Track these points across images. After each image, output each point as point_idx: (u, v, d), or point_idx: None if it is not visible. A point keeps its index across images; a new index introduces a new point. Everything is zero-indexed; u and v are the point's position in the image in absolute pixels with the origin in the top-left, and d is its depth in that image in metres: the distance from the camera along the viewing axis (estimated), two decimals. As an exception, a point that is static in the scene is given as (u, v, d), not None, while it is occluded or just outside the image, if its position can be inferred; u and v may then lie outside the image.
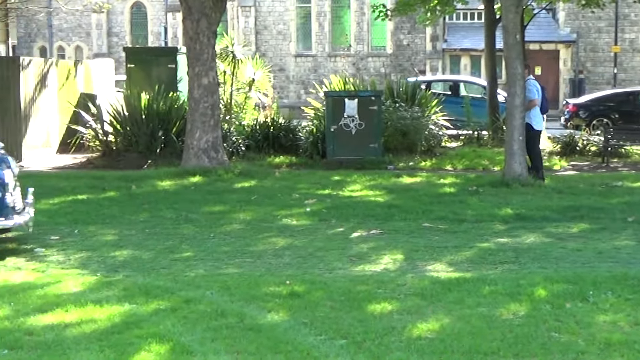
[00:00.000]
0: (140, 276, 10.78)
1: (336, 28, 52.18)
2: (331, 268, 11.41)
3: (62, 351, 7.86)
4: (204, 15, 19.92)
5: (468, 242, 13.01)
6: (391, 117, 23.87)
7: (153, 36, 53.55)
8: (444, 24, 50.80)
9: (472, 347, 7.92)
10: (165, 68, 27.05)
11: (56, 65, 26.08)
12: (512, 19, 18.89)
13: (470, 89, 34.88)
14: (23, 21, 51.77)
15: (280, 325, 8.61)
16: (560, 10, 50.45)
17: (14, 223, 11.70)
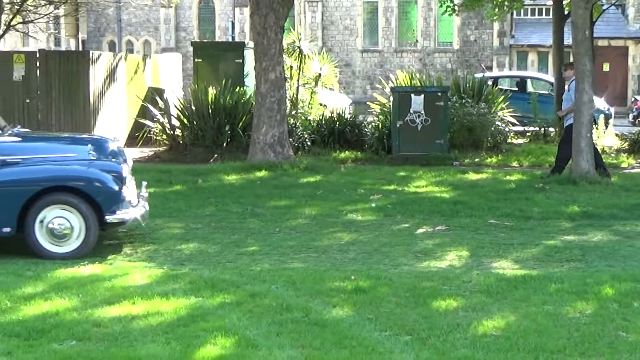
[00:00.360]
0: (206, 269, 10.85)
1: (403, 23, 52.01)
2: (396, 264, 11.41)
3: (129, 343, 7.95)
4: (272, 10, 20.00)
5: (534, 240, 12.92)
6: (457, 113, 23.75)
7: (220, 31, 53.80)
8: (512, 19, 50.37)
9: (538, 346, 7.87)
10: (233, 63, 27.16)
11: (125, 59, 26.34)
12: (581, 14, 18.69)
13: (537, 85, 34.57)
14: (93, 16, 52.28)
15: (345, 321, 8.62)
16: (630, 6, 49.82)
17: (130, 217, 11.84)
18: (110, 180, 11.66)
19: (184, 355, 7.63)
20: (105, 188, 11.63)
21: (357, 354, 7.69)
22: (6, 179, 11.52)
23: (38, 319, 8.64)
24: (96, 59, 24.09)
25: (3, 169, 11.58)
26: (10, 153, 11.81)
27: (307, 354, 7.67)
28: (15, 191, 11.49)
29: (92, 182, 11.63)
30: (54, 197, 11.55)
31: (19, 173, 11.67)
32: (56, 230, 11.47)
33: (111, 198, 11.62)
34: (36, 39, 37.49)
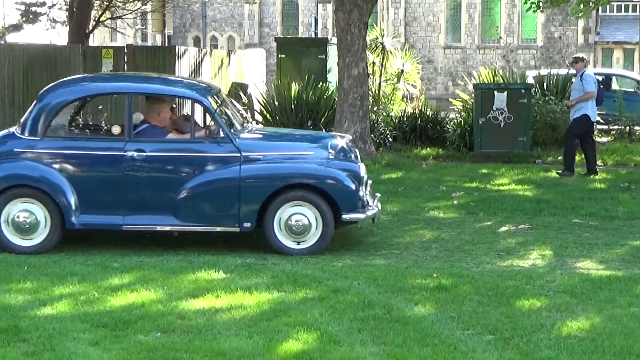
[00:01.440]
0: (288, 264, 10.92)
1: (486, 20, 51.72)
2: (479, 262, 11.35)
3: (212, 336, 8.04)
4: (356, 7, 20.03)
5: (619, 240, 12.75)
6: (540, 111, 23.52)
7: (303, 27, 54.02)
8: (597, 16, 49.81)
9: (623, 348, 7.77)
10: (315, 58, 27.23)
11: (209, 54, 26.56)
12: (669, 12, 18.41)
13: (622, 83, 34.06)
14: (179, 12, 52.94)
15: (427, 318, 8.61)
16: None
17: (365, 216, 11.95)
18: (348, 179, 11.77)
19: (267, 350, 7.69)
20: (344, 187, 11.73)
21: (439, 352, 7.68)
22: (249, 174, 11.73)
23: (124, 310, 8.79)
24: (182, 54, 24.33)
25: (245, 165, 11.78)
26: (252, 150, 11.97)
27: (389, 351, 7.69)
28: (258, 187, 11.71)
29: (330, 180, 11.74)
30: (293, 194, 11.72)
31: (261, 169, 11.86)
32: (294, 227, 11.64)
33: (349, 197, 11.72)
34: (124, 34, 38.11)
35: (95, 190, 11.70)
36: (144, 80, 13.56)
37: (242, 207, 11.61)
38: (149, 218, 11.72)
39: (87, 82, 13.56)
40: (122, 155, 11.66)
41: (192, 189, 11.63)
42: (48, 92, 12.27)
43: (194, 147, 11.90)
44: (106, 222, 11.75)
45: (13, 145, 11.89)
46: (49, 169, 11.62)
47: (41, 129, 11.79)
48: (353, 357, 7.57)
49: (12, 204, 11.60)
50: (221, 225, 11.76)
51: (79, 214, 11.60)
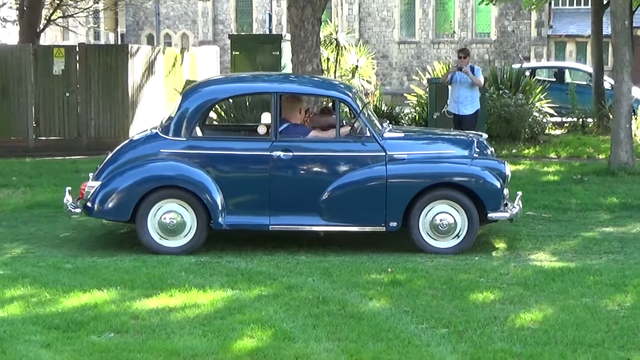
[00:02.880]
0: (243, 262, 10.89)
1: (440, 14, 51.84)
2: (433, 256, 11.38)
3: (166, 335, 8.00)
4: (309, 3, 19.97)
5: (572, 232, 12.85)
6: (495, 104, 23.64)
7: (258, 24, 53.87)
8: (550, 9, 50.06)
9: (576, 339, 7.84)
10: (270, 55, 27.24)
11: (163, 52, 26.45)
12: (620, 4, 18.54)
13: (575, 76, 34.33)
14: (131, 10, 52.53)
15: (381, 313, 8.63)
16: (671, -6, 49.38)
17: (509, 215, 11.89)
18: (493, 177, 11.74)
19: (221, 348, 7.67)
20: (490, 185, 11.69)
21: (394, 346, 7.70)
22: (395, 173, 11.67)
23: (77, 311, 8.71)
24: (135, 53, 24.20)
25: (391, 164, 11.72)
26: (397, 149, 11.90)
27: (343, 347, 7.69)
28: (404, 186, 11.65)
29: (477, 179, 11.69)
30: (439, 193, 11.68)
31: (407, 169, 11.79)
32: (440, 226, 11.60)
33: (494, 195, 11.70)
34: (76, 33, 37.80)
35: (242, 191, 11.68)
36: (288, 80, 13.72)
37: (389, 206, 11.58)
38: (295, 218, 11.68)
39: (230, 82, 13.45)
40: (269, 156, 11.61)
41: (338, 189, 11.60)
42: (192, 92, 12.22)
43: (340, 147, 11.84)
44: (253, 223, 11.70)
45: (158, 146, 11.81)
46: (196, 170, 11.56)
47: (186, 129, 11.74)
48: (307, 354, 7.56)
49: (159, 205, 11.56)
50: (367, 225, 11.72)
51: (226, 214, 11.56)
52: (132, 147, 12.18)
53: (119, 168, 11.73)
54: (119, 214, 11.67)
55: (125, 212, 11.55)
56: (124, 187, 11.54)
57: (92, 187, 11.68)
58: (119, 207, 11.56)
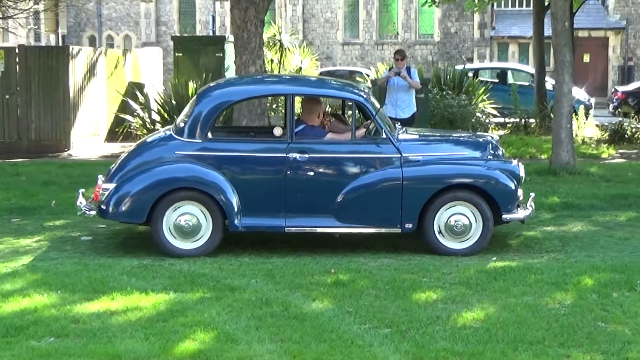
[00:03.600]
0: (185, 264, 10.83)
1: (384, 16, 52.05)
2: (376, 257, 11.41)
3: (107, 339, 7.93)
4: (252, 4, 19.92)
5: (514, 231, 12.94)
6: (438, 105, 23.78)
7: (201, 25, 53.71)
8: (492, 11, 50.49)
9: (517, 337, 7.90)
10: (213, 57, 27.10)
11: (105, 54, 26.23)
12: (561, 6, 18.71)
13: (517, 77, 34.65)
14: (73, 11, 52.14)
15: (324, 314, 8.63)
16: (610, -4, 50.03)
17: (524, 216, 11.89)
18: (508, 179, 11.73)
19: (163, 351, 7.61)
20: (504, 187, 11.69)
21: (337, 347, 7.70)
22: (411, 175, 11.63)
23: (16, 315, 8.60)
24: (76, 54, 23.97)
25: (407, 166, 11.66)
26: (412, 151, 11.87)
27: (286, 348, 7.67)
28: (420, 188, 11.62)
29: (492, 180, 11.69)
30: (453, 195, 11.66)
31: (423, 170, 11.76)
32: (455, 227, 11.59)
33: (509, 197, 11.70)
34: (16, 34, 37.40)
35: (257, 192, 11.57)
36: (303, 82, 13.71)
37: (404, 208, 11.56)
38: (311, 220, 11.62)
39: (246, 84, 13.36)
40: (285, 157, 11.54)
41: (354, 190, 11.55)
42: (208, 93, 12.09)
43: (355, 148, 11.77)
44: (269, 225, 11.63)
45: (173, 148, 11.70)
46: (211, 171, 11.46)
47: (201, 131, 11.63)
48: (250, 356, 7.54)
49: (174, 207, 11.47)
50: (382, 227, 11.70)
51: (241, 216, 11.49)
52: (146, 148, 12.09)
53: (133, 170, 11.62)
54: (134, 216, 11.58)
55: (141, 215, 11.46)
56: (140, 189, 11.43)
57: (107, 190, 11.59)
58: (135, 210, 11.46)
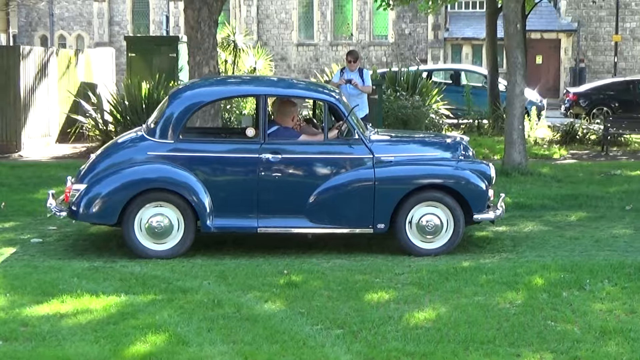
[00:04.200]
0: (137, 266, 10.77)
1: (338, 17, 52.10)
2: (329, 257, 11.42)
3: (57, 342, 7.86)
4: (206, 4, 19.86)
5: (466, 231, 12.94)
6: (392, 106, 23.84)
7: (155, 25, 53.45)
8: (446, 13, 50.70)
9: (468, 336, 7.94)
10: (167, 57, 27.02)
11: (57, 54, 26.01)
12: (513, 8, 18.84)
13: (471, 78, 34.83)
14: (24, 10, 51.74)
15: (276, 315, 8.62)
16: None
17: (494, 216, 11.89)
18: (478, 179, 11.76)
19: (114, 354, 7.57)
20: (475, 187, 11.73)
21: (289, 348, 7.70)
22: (383, 176, 11.63)
23: (-36, 319, 8.52)
24: (27, 54, 23.75)
25: (379, 167, 11.67)
26: (384, 152, 11.88)
27: (238, 349, 7.66)
28: (392, 188, 11.63)
29: (462, 181, 11.73)
30: (425, 195, 11.68)
31: (395, 171, 11.78)
32: (427, 227, 11.60)
33: (480, 197, 11.74)
34: (-34, 34, 36.96)
35: (230, 193, 11.55)
36: (275, 83, 13.71)
37: (377, 208, 11.59)
38: (284, 221, 11.62)
39: (218, 84, 13.24)
40: (258, 158, 11.51)
41: (326, 191, 11.57)
42: (179, 94, 12.03)
43: (328, 149, 11.78)
44: (241, 226, 11.62)
45: (145, 149, 11.62)
46: (183, 172, 11.41)
47: (173, 131, 11.57)
48: (202, 357, 7.52)
49: (146, 207, 11.38)
50: (355, 227, 11.72)
51: (214, 217, 11.43)
52: (117, 149, 12.02)
53: (104, 171, 11.56)
54: (105, 218, 11.50)
55: (112, 216, 11.39)
56: (111, 190, 11.37)
57: (77, 191, 11.49)
58: (106, 211, 11.38)
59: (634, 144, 25.52)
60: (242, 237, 12.38)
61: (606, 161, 21.94)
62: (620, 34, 48.48)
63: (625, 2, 49.53)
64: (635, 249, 11.91)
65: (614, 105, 32.48)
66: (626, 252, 11.72)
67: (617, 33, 47.83)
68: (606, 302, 9.03)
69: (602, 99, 33.09)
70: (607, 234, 12.94)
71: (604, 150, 24.03)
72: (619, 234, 12.97)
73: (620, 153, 23.96)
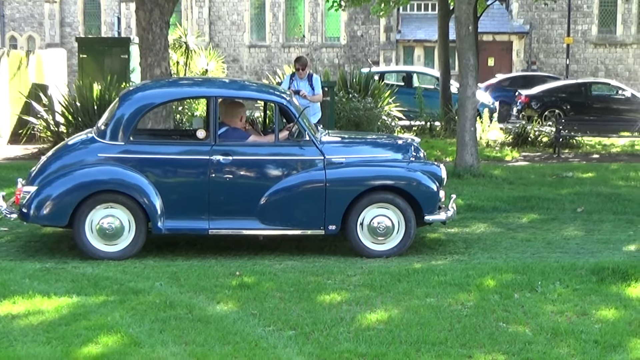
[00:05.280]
0: (89, 267, 10.71)
1: (290, 19, 52.12)
2: (281, 259, 11.43)
3: (8, 343, 7.81)
4: (157, 6, 19.81)
5: (418, 233, 13.01)
6: (344, 108, 23.90)
7: (106, 27, 53.17)
8: (398, 15, 50.91)
9: (420, 338, 7.97)
10: (118, 58, 26.94)
11: (7, 55, 25.79)
12: (464, 10, 18.95)
13: (423, 80, 34.97)
14: (-26, 11, 51.31)
15: (229, 317, 8.61)
16: (514, 1, 50.80)
17: (446, 217, 11.90)
18: (429, 181, 11.77)
19: (65, 355, 7.53)
20: (426, 188, 11.74)
21: (241, 349, 7.70)
22: (334, 177, 11.61)
23: None
24: (-23, 55, 23.57)
25: (330, 168, 11.65)
26: (335, 153, 11.86)
27: (190, 351, 7.65)
28: (343, 190, 11.62)
29: (414, 182, 11.74)
30: (376, 197, 11.67)
31: (346, 172, 11.76)
32: (378, 229, 11.61)
33: (431, 198, 11.75)
34: None
35: (181, 195, 11.51)
36: (226, 85, 13.65)
37: (328, 210, 11.60)
38: (235, 222, 11.59)
39: (168, 86, 13.16)
40: (209, 160, 11.48)
41: (277, 193, 11.55)
42: (130, 96, 11.94)
43: (279, 151, 11.77)
44: (192, 227, 11.58)
45: (95, 150, 11.55)
46: (134, 174, 11.36)
47: (123, 133, 11.50)
48: (154, 359, 7.50)
49: (97, 209, 11.32)
50: (306, 229, 11.72)
51: (165, 219, 11.40)
52: (67, 151, 11.94)
53: (55, 173, 11.49)
54: (56, 220, 11.44)
55: (63, 218, 11.33)
56: (61, 192, 11.30)
57: (28, 192, 11.41)
58: (57, 213, 11.32)
59: (586, 147, 25.79)
60: (194, 238, 12.36)
61: (558, 163, 22.12)
62: (572, 36, 48.94)
63: (577, 4, 50.04)
64: (587, 251, 12.04)
65: (565, 107, 32.80)
66: (578, 254, 11.84)
67: (568, 35, 48.28)
68: (558, 304, 9.10)
69: (554, 102, 33.36)
70: (558, 236, 13.06)
71: (555, 153, 24.25)
72: (570, 236, 13.09)
73: (572, 155, 24.18)
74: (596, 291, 9.54)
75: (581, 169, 20.61)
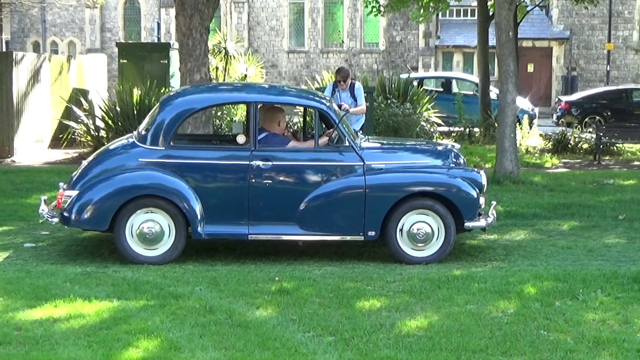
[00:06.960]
0: (129, 271, 10.76)
1: (329, 24, 52.12)
2: (321, 265, 11.43)
3: (50, 346, 7.86)
4: (197, 11, 19.90)
5: (457, 239, 12.95)
6: (383, 114, 23.86)
7: (146, 32, 53.44)
8: (437, 20, 50.76)
9: (460, 345, 7.94)
10: (158, 64, 27.03)
11: (49, 60, 26.03)
12: (505, 16, 18.88)
13: (462, 86, 34.86)
14: (17, 16, 51.67)
15: (268, 322, 8.61)
16: (554, 7, 50.49)
17: (486, 224, 11.90)
18: (470, 187, 11.76)
19: (106, 358, 7.58)
20: (466, 195, 11.72)
21: (280, 355, 7.70)
22: (374, 183, 11.63)
23: (-43, 323, 8.51)
24: (20, 60, 23.76)
25: (369, 174, 11.69)
26: (375, 159, 11.89)
27: (230, 356, 7.66)
28: (383, 196, 11.62)
29: (454, 188, 11.72)
30: (416, 203, 11.67)
31: (386, 178, 11.77)
32: (418, 235, 11.61)
33: (471, 205, 11.73)
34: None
35: (220, 200, 11.56)
36: (266, 90, 13.67)
37: (367, 216, 11.58)
38: (274, 228, 11.62)
39: (208, 91, 13.24)
40: (248, 165, 11.52)
41: (317, 198, 11.57)
42: (170, 101, 12.03)
43: (319, 156, 11.78)
44: (232, 232, 11.63)
45: (136, 155, 11.65)
46: (174, 179, 11.44)
47: (164, 138, 11.60)
48: (194, 364, 7.53)
49: (137, 214, 11.41)
50: (346, 234, 11.70)
51: (204, 224, 11.46)
52: (108, 156, 12.04)
53: (96, 177, 11.58)
54: (97, 224, 11.51)
55: (104, 222, 11.40)
56: (102, 196, 11.39)
57: (69, 197, 11.50)
58: (97, 217, 11.40)
59: (627, 153, 25.59)
60: (233, 243, 12.39)
61: (598, 170, 21.97)
62: (613, 42, 48.59)
63: (618, 10, 49.64)
64: (628, 259, 11.94)
65: (606, 114, 32.56)
66: (619, 261, 11.74)
67: (609, 41, 47.93)
68: (599, 312, 9.03)
69: (594, 108, 33.12)
70: (599, 244, 12.96)
71: (596, 160, 24.09)
72: (611, 244, 12.99)
73: (612, 162, 24.01)
74: (638, 299, 9.45)
75: (622, 176, 20.45)
